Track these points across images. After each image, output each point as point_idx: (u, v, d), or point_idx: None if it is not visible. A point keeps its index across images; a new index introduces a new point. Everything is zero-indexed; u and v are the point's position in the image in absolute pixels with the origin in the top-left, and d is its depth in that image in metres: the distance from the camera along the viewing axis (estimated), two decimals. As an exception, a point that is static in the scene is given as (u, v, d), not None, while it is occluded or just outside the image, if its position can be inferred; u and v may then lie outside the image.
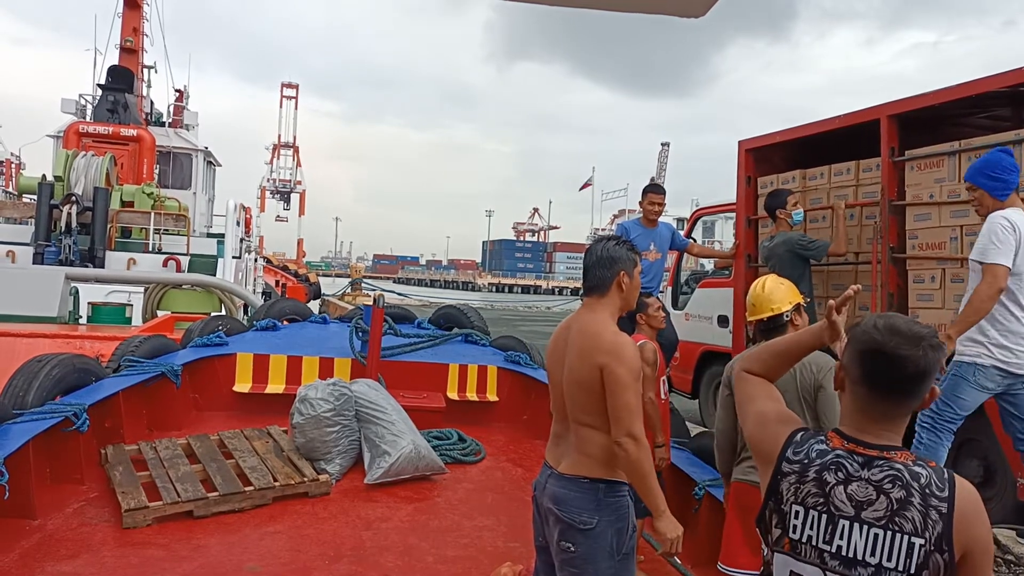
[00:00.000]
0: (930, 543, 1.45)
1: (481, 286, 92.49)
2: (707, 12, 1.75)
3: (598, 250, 2.61)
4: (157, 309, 10.52)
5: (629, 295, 2.61)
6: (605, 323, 2.52)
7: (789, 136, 6.59)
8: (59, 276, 10.03)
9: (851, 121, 5.84)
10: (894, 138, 5.46)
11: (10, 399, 4.18)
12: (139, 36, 21.24)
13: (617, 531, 2.43)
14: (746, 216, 7.01)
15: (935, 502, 1.47)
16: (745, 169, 7.04)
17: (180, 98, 22.55)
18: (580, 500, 2.44)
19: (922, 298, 5.24)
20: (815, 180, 6.34)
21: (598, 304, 2.57)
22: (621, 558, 2.43)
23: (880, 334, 1.54)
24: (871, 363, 1.55)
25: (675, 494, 4.33)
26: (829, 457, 1.56)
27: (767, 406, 1.79)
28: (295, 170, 64.68)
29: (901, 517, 1.46)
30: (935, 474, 1.50)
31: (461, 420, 6.00)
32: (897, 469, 1.51)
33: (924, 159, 5.23)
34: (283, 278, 26.07)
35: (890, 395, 1.55)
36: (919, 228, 5.27)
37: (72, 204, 12.94)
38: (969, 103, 5.14)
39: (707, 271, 9.31)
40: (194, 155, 18.53)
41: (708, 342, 8.07)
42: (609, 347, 2.44)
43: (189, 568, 3.49)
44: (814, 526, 1.53)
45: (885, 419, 1.57)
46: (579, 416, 2.50)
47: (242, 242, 16.36)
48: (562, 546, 2.46)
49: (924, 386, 1.54)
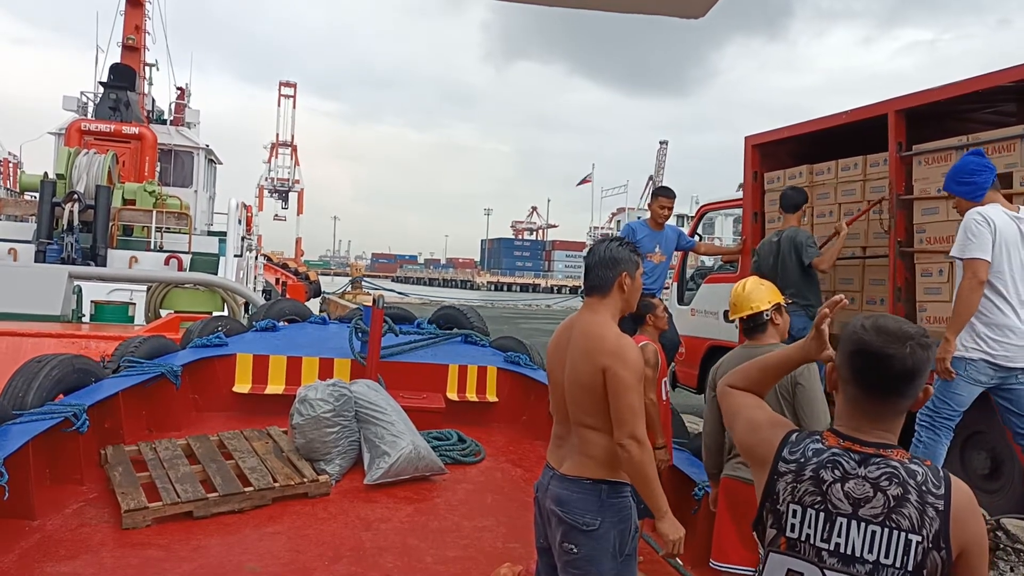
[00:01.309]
0: (928, 540, 1.45)
1: (480, 285, 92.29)
2: (707, 13, 1.75)
3: (601, 250, 2.61)
4: (160, 308, 10.50)
5: (630, 296, 2.61)
6: (607, 325, 2.52)
7: (796, 132, 6.60)
8: (63, 274, 9.99)
9: (858, 116, 5.85)
10: (902, 133, 5.48)
11: (10, 400, 4.17)
12: (141, 34, 21.26)
13: (620, 532, 2.43)
14: (753, 211, 7.02)
15: (932, 499, 1.47)
16: (752, 165, 7.06)
17: (181, 96, 22.56)
18: (583, 501, 2.44)
19: (930, 291, 5.25)
20: (822, 175, 6.36)
21: (600, 305, 2.57)
22: (624, 559, 2.44)
23: (868, 334, 1.56)
24: (860, 363, 1.56)
25: (675, 495, 4.33)
26: (826, 455, 1.56)
27: (756, 413, 1.80)
28: (293, 169, 64.87)
29: (898, 514, 1.47)
30: (931, 472, 1.51)
31: (461, 421, 6.00)
32: (893, 467, 1.51)
33: (932, 154, 5.25)
34: (283, 276, 26.07)
35: (880, 394, 1.56)
36: (927, 222, 5.29)
37: (74, 202, 12.93)
38: (975, 98, 5.17)
39: (712, 267, 9.32)
40: (195, 153, 18.53)
41: (714, 337, 8.09)
42: (613, 349, 2.44)
43: (189, 568, 3.49)
44: (812, 524, 1.53)
45: (879, 418, 1.58)
46: (581, 417, 2.49)
47: (243, 240, 16.37)
48: (565, 547, 2.46)
49: (914, 385, 1.55)
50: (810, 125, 6.45)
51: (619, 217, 47.89)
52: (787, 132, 6.70)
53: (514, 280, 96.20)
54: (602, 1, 1.80)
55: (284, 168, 64.90)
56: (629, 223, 6.83)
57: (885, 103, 5.60)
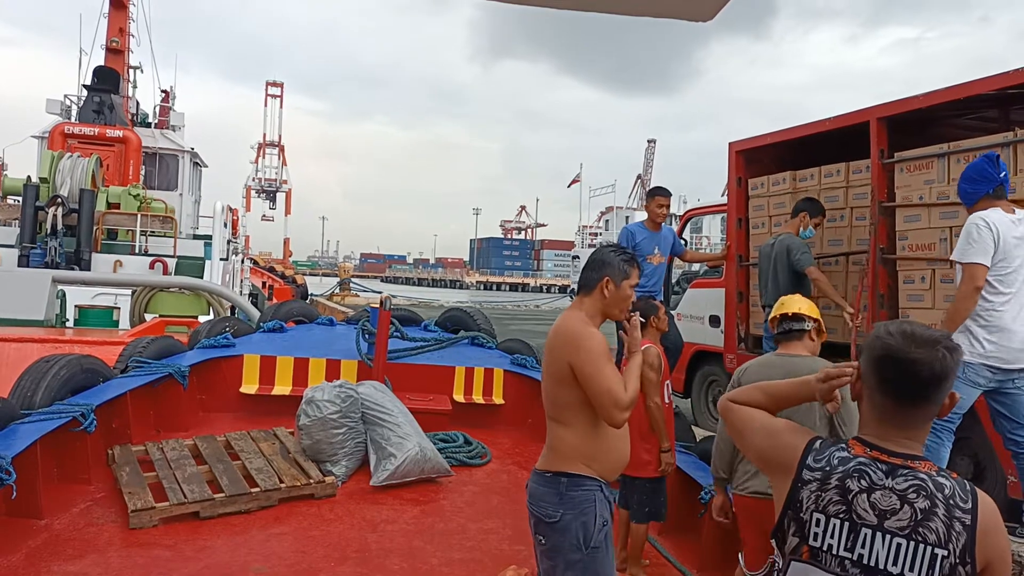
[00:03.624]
0: (954, 555, 1.43)
1: (469, 284, 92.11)
2: (715, 15, 1.75)
3: (595, 253, 2.71)
4: (145, 312, 10.45)
5: (611, 302, 2.62)
6: (576, 319, 2.58)
7: (780, 138, 6.65)
8: (46, 279, 9.86)
9: (841, 123, 5.89)
10: (884, 140, 5.50)
11: (18, 399, 4.20)
12: (125, 36, 21.20)
13: (582, 524, 2.46)
14: (737, 217, 7.03)
15: (959, 513, 1.45)
16: (736, 170, 7.09)
17: (166, 99, 22.49)
18: (545, 494, 2.51)
19: (912, 298, 5.26)
20: (805, 181, 6.39)
21: (579, 303, 2.64)
22: (590, 551, 2.45)
23: (894, 339, 1.52)
24: (887, 369, 1.53)
25: (680, 498, 4.32)
26: (852, 465, 1.53)
27: (773, 420, 1.77)
28: (281, 169, 64.72)
29: (925, 528, 1.44)
30: (958, 486, 1.48)
31: (467, 423, 6.00)
32: (921, 479, 1.48)
33: (914, 161, 5.25)
34: (270, 280, 25.96)
35: (909, 401, 1.53)
36: (909, 229, 5.29)
37: (58, 206, 12.83)
38: (958, 105, 5.17)
39: (698, 272, 9.30)
40: (180, 156, 18.45)
41: (700, 342, 8.07)
42: (573, 339, 2.50)
43: (195, 569, 3.49)
44: (835, 534, 1.50)
45: (906, 426, 1.54)
46: (551, 411, 2.59)
47: (229, 244, 16.31)
48: (537, 539, 2.55)
49: (942, 390, 1.52)
50: (794, 132, 6.49)
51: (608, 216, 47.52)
52: (771, 138, 6.73)
53: (503, 279, 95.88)
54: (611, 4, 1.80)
55: (272, 168, 64.64)
56: (627, 226, 6.80)
57: (867, 110, 5.62)
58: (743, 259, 7.01)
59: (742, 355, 6.73)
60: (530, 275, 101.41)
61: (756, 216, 6.92)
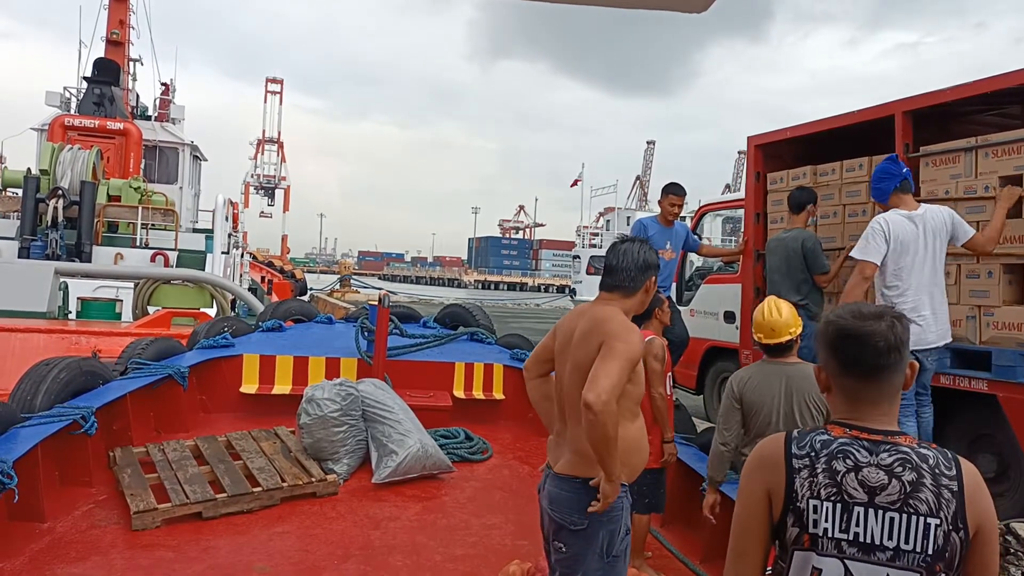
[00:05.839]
0: (946, 522, 1.46)
1: (467, 283, 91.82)
2: (709, 7, 1.73)
3: (633, 251, 2.59)
4: (148, 304, 10.41)
5: (649, 299, 2.63)
6: (616, 312, 2.50)
7: (800, 132, 6.54)
8: (49, 271, 9.88)
9: (865, 116, 5.79)
10: (908, 134, 5.43)
11: (18, 403, 4.19)
12: (125, 29, 21.02)
13: (609, 532, 2.41)
14: (755, 212, 6.97)
15: (946, 481, 1.48)
16: (755, 165, 7.00)
17: (166, 92, 22.30)
18: (571, 501, 2.42)
19: None
20: (827, 176, 6.29)
21: (617, 300, 2.56)
22: (610, 559, 2.41)
23: (845, 319, 1.58)
24: (847, 348, 1.57)
25: (681, 490, 4.33)
26: (835, 446, 1.56)
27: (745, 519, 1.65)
28: (279, 166, 64.37)
29: (915, 499, 1.48)
30: (940, 455, 1.52)
31: (468, 418, 6.01)
32: (905, 452, 1.52)
33: (940, 155, 5.19)
34: (269, 274, 25.86)
35: (873, 374, 1.57)
36: None
37: (59, 198, 12.71)
38: (980, 100, 5.13)
39: (711, 267, 9.27)
40: (180, 149, 18.25)
41: (714, 338, 8.05)
42: (616, 329, 2.40)
43: (198, 569, 3.50)
44: (829, 517, 1.52)
45: (878, 401, 1.58)
46: (575, 410, 2.40)
47: (230, 237, 16.24)
48: (555, 546, 2.47)
49: (902, 358, 1.57)
50: (815, 126, 6.39)
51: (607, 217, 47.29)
52: (791, 132, 6.63)
53: (501, 279, 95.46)
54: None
55: (270, 165, 64.29)
56: (640, 219, 6.77)
57: (892, 104, 5.55)
58: (760, 254, 6.94)
59: (757, 352, 6.72)
60: (528, 275, 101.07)
61: (775, 211, 6.82)
